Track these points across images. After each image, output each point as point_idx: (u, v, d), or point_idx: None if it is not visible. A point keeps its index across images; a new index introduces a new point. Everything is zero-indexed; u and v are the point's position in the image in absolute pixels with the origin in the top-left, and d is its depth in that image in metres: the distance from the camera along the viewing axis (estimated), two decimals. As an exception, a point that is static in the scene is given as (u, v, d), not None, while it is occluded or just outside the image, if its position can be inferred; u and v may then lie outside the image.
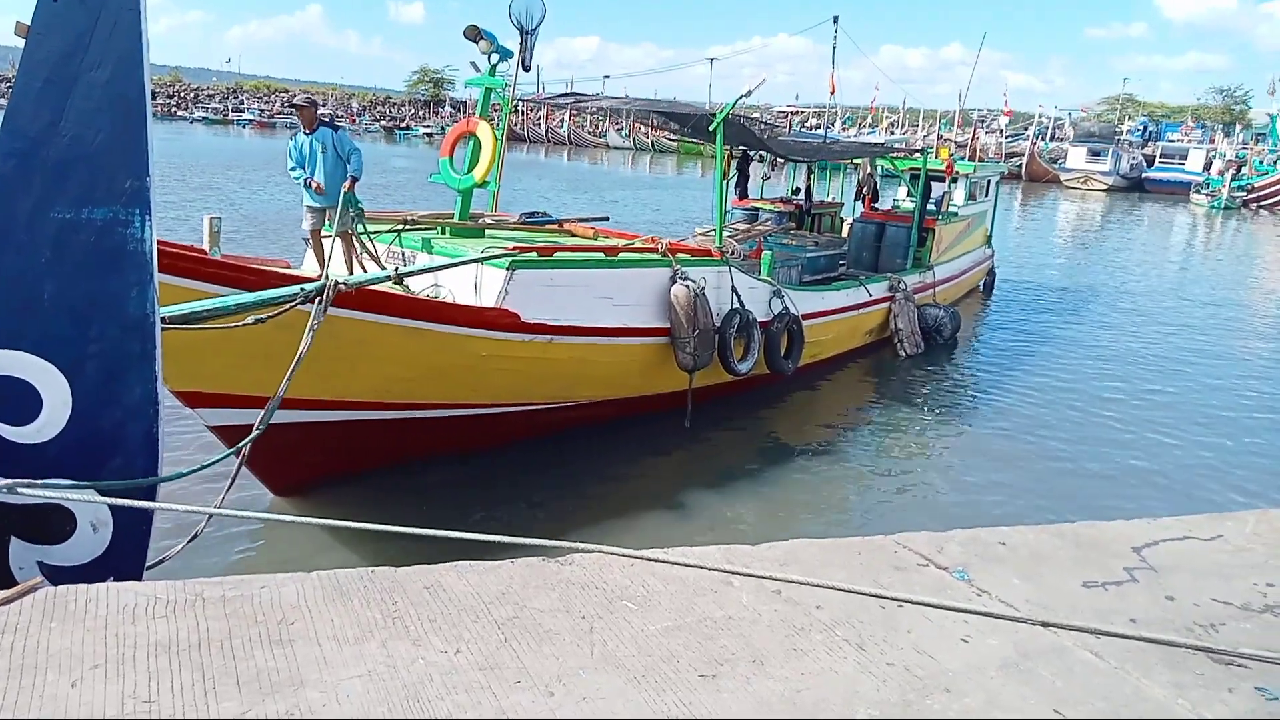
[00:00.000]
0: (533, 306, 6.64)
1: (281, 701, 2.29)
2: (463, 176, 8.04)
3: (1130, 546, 3.75)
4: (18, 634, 2.45)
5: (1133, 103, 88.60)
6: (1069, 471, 7.65)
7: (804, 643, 2.83)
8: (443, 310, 6.30)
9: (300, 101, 8.03)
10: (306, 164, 7.81)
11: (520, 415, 7.17)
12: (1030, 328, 13.72)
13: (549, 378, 7.04)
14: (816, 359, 9.75)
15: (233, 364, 5.33)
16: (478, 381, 6.67)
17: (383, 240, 7.69)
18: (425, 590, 2.92)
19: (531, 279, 6.70)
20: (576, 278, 7.03)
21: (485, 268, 6.70)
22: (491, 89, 8.19)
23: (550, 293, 6.79)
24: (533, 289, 6.67)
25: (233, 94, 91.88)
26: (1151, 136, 65.64)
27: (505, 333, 6.49)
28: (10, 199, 3.24)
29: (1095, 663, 2.84)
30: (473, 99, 8.87)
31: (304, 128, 7.84)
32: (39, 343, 3.27)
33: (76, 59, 3.23)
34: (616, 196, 31.13)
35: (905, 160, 13.92)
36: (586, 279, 7.10)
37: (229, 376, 5.45)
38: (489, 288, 6.66)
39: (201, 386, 5.50)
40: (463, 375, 6.52)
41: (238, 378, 5.42)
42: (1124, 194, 51.63)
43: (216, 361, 5.30)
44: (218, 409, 5.68)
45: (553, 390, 7.24)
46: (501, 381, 6.82)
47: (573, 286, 6.98)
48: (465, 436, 6.97)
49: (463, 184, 8.01)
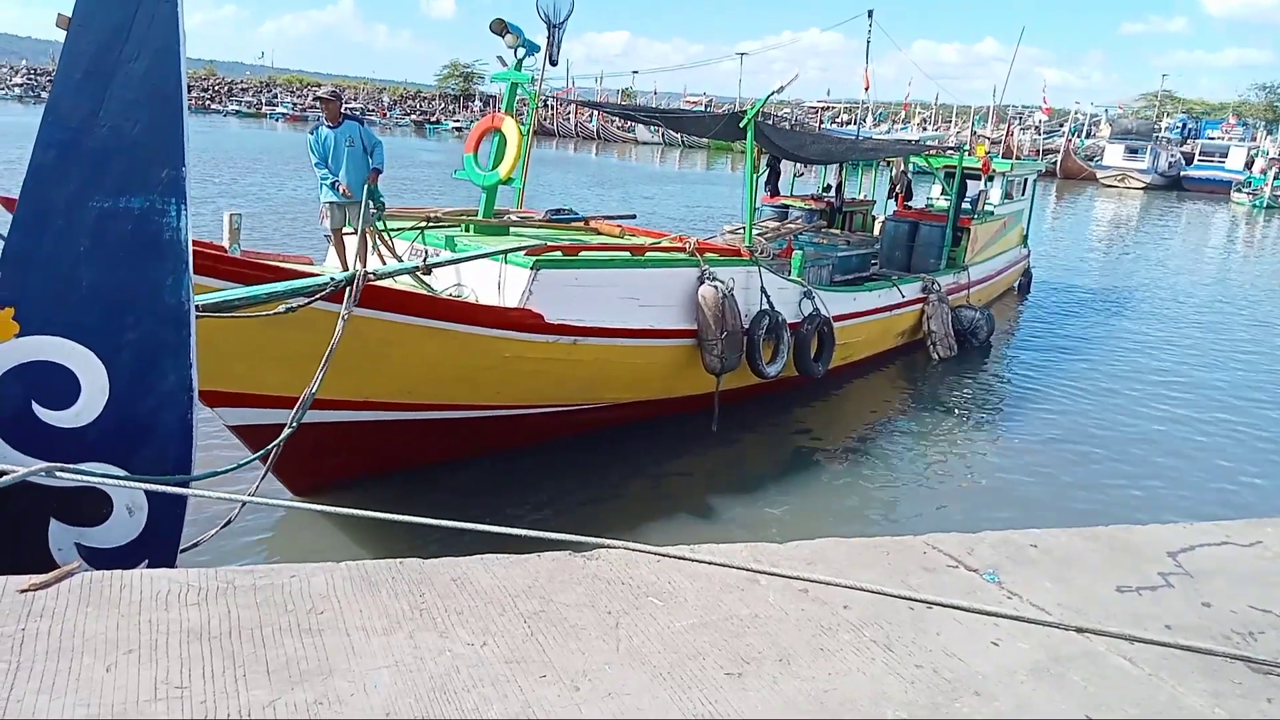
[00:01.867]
0: (557, 307, 6.54)
1: (310, 690, 2.31)
2: (487, 173, 7.96)
3: (1165, 551, 3.68)
4: (55, 618, 2.50)
5: (1171, 99, 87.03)
6: (1104, 476, 7.52)
7: (831, 642, 2.81)
8: (465, 310, 6.23)
9: (325, 94, 7.77)
10: (330, 159, 7.61)
11: (543, 417, 7.10)
12: (1067, 330, 13.49)
13: (573, 379, 6.96)
14: (847, 361, 9.61)
15: (252, 363, 5.36)
16: (500, 383, 6.61)
17: (405, 237, 7.63)
18: (453, 582, 2.93)
19: (556, 279, 6.60)
20: (602, 277, 6.92)
21: (509, 267, 6.62)
22: (517, 84, 8.11)
23: (575, 293, 6.68)
24: (557, 289, 6.57)
25: (266, 88, 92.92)
26: (1190, 134, 64.39)
27: (529, 334, 6.40)
28: (51, 188, 3.30)
29: (1129, 669, 2.80)
30: (502, 93, 8.75)
31: (328, 121, 7.63)
32: (77, 329, 3.33)
33: (115, 50, 3.28)
34: (646, 192, 31.09)
35: (940, 157, 13.71)
36: (612, 279, 6.99)
37: (248, 376, 5.47)
38: (512, 288, 6.58)
39: (220, 386, 5.51)
40: (485, 376, 6.46)
41: (256, 377, 5.45)
42: (1161, 192, 50.72)
43: (236, 361, 5.33)
44: (237, 408, 5.71)
45: (577, 392, 7.16)
46: (525, 383, 6.74)
47: (598, 286, 6.87)
48: (487, 439, 6.93)
49: (487, 181, 7.93)
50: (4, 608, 2.51)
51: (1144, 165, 52.45)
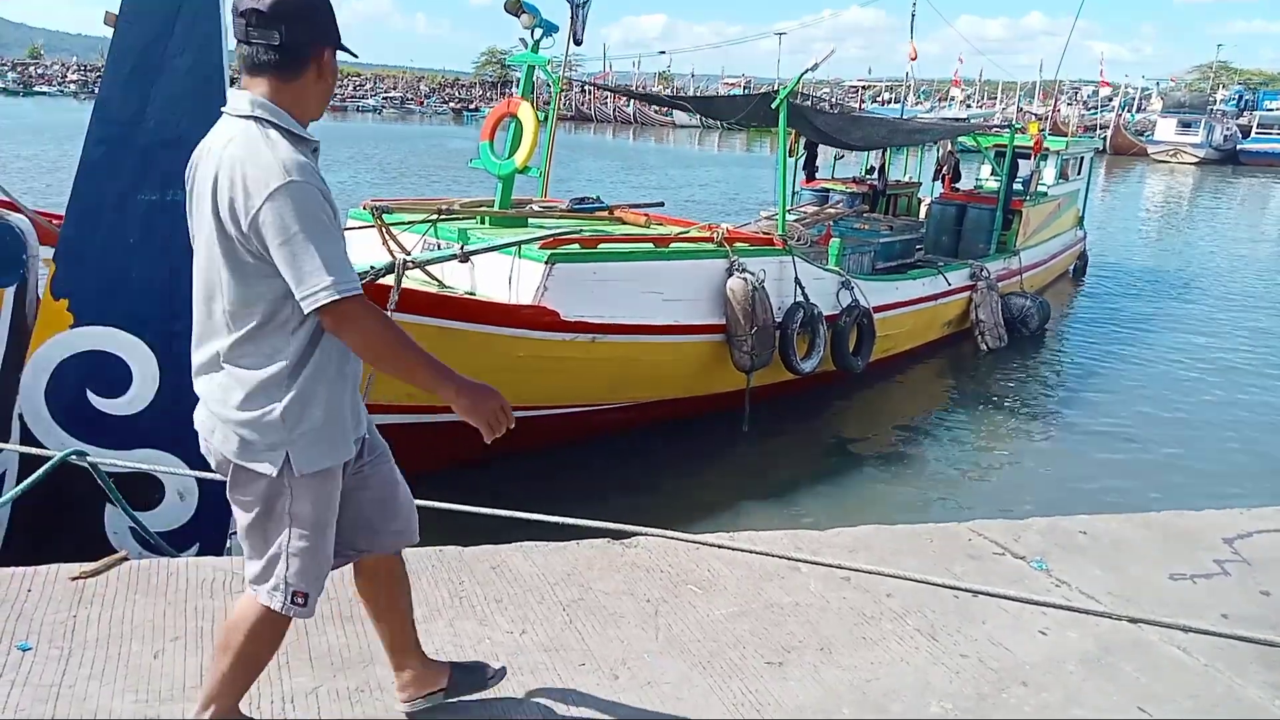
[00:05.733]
0: (574, 303, 6.19)
1: (352, 678, 2.33)
2: (503, 161, 7.62)
3: (1221, 538, 3.57)
4: (105, 605, 2.55)
5: (1227, 70, 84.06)
6: (1159, 463, 7.22)
7: (874, 631, 2.77)
8: (474, 308, 5.99)
9: None
10: None
11: (561, 419, 6.85)
12: (1123, 315, 12.99)
13: (592, 379, 6.63)
14: (888, 354, 9.24)
15: None
16: (515, 383, 6.31)
17: (416, 230, 7.32)
18: (492, 570, 2.95)
19: (572, 273, 6.24)
20: (622, 271, 6.53)
21: (522, 261, 6.34)
22: (534, 66, 7.79)
23: (593, 288, 6.30)
24: (574, 284, 6.22)
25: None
26: (1248, 105, 62.14)
27: (544, 332, 6.09)
28: (101, 183, 3.39)
29: (1183, 659, 2.72)
30: (541, 78, 8.42)
31: None
32: (128, 319, 3.41)
33: (161, 46, 3.35)
34: (683, 178, 30.89)
35: (990, 136, 13.25)
36: (633, 272, 6.60)
37: None
38: (526, 283, 6.24)
39: None
40: (498, 377, 6.18)
41: None
42: (1216, 167, 49.09)
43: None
44: None
45: (596, 392, 6.86)
46: (541, 383, 6.40)
47: (618, 281, 6.48)
48: (499, 442, 6.65)
49: (503, 169, 7.50)
50: (56, 595, 2.58)
51: (1198, 139, 50.74)
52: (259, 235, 1.65)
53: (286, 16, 1.69)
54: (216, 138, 1.76)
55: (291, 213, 1.63)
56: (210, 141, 1.78)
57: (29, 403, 3.37)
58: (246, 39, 1.70)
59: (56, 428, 3.39)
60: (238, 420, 1.76)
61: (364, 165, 26.73)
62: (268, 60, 1.72)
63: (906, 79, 28.59)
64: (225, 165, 1.69)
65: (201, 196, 1.75)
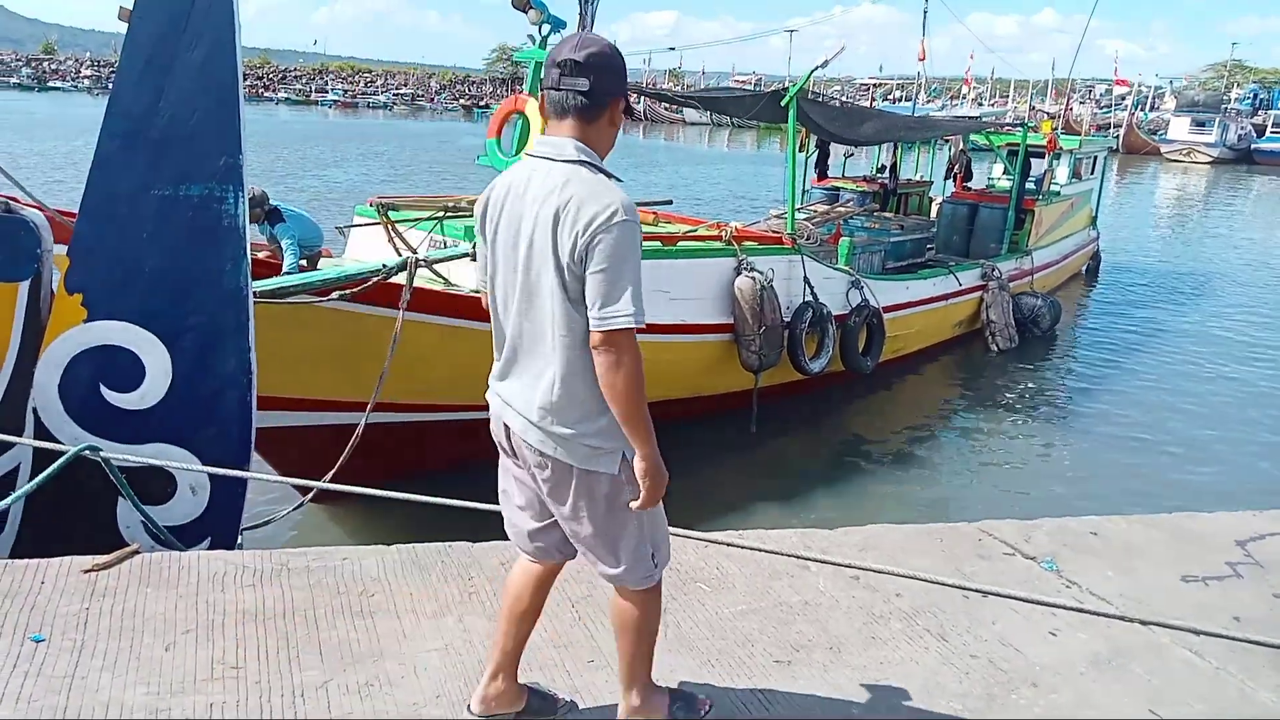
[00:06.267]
0: None
1: (362, 672, 2.34)
2: (510, 158, 7.66)
3: (1234, 540, 3.55)
4: (117, 597, 2.57)
5: (1242, 69, 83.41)
6: (1171, 465, 7.18)
7: (883, 631, 2.76)
8: (476, 306, 5.93)
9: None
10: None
11: None
12: (1136, 316, 12.90)
13: None
14: (898, 354, 9.21)
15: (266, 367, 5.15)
16: None
17: (422, 228, 7.33)
18: (501, 566, 2.95)
19: None
20: None
21: None
22: (541, 63, 7.78)
23: None
24: None
25: (318, 75, 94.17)
26: (1262, 104, 61.69)
27: None
28: (115, 178, 3.39)
29: (1195, 662, 2.70)
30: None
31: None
32: (141, 314, 3.42)
33: (174, 41, 3.35)
34: (692, 175, 30.84)
35: (1002, 134, 13.18)
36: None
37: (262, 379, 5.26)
38: None
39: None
40: None
41: (268, 380, 5.23)
42: (1230, 166, 48.75)
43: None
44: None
45: None
46: None
47: None
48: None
49: (509, 167, 7.61)
50: (69, 587, 2.59)
51: (1211, 138, 50.40)
52: (587, 260, 1.85)
53: (596, 68, 1.91)
54: (540, 181, 1.91)
55: (625, 245, 1.86)
56: (530, 184, 1.93)
57: (43, 397, 3.39)
58: (557, 85, 1.92)
59: (70, 422, 3.40)
60: (582, 432, 1.96)
61: (375, 162, 26.75)
62: (575, 104, 1.92)
63: (918, 77, 28.44)
64: (569, 205, 1.85)
65: (524, 235, 1.92)
